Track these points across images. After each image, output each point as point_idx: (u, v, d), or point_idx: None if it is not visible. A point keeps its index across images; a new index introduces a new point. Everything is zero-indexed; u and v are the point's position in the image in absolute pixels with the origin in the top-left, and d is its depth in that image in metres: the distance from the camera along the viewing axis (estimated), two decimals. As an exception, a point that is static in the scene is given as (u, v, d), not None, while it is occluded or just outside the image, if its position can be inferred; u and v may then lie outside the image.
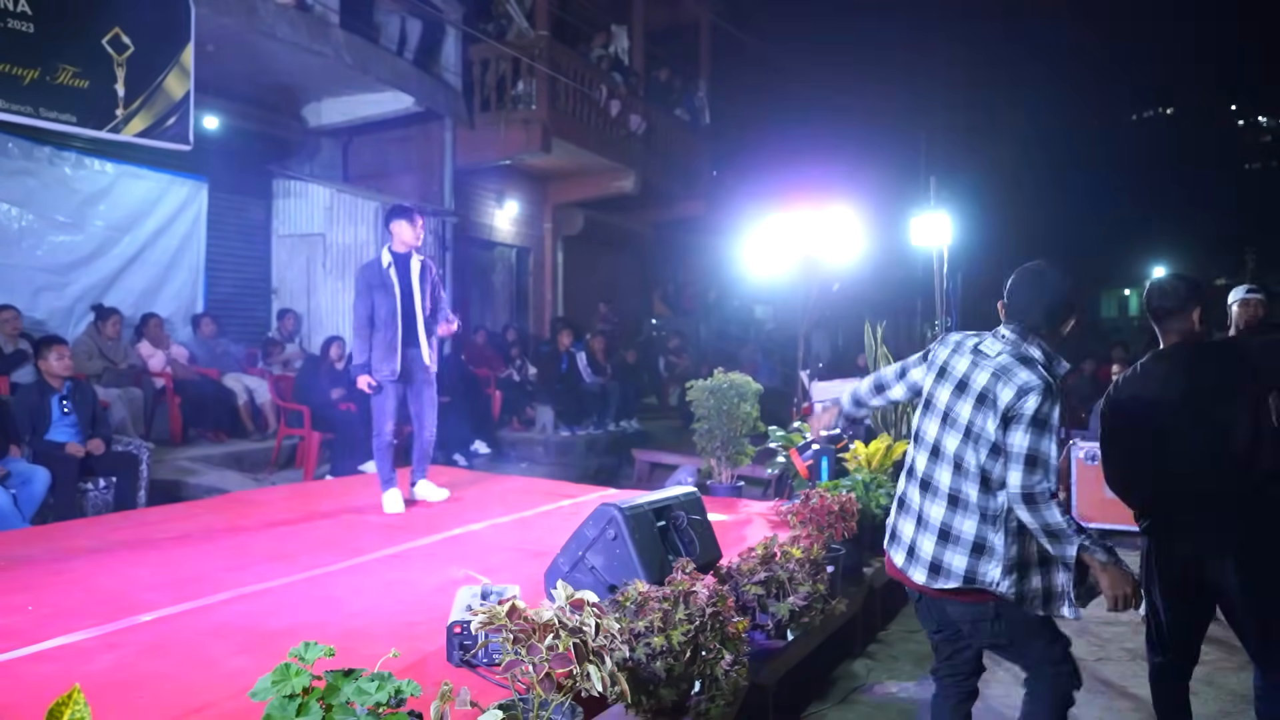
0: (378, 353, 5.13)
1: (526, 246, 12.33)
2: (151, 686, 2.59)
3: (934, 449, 2.50)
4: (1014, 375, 2.34)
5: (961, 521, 2.41)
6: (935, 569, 2.43)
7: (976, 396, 2.40)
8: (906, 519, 2.57)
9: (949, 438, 2.45)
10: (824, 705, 3.70)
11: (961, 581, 2.38)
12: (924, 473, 2.52)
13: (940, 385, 2.53)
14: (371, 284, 5.14)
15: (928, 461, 2.51)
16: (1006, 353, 2.40)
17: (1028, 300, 2.45)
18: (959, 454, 2.42)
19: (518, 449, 9.32)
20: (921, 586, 2.48)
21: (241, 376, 8.20)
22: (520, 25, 10.53)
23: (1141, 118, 32.48)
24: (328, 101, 9.63)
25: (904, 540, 2.56)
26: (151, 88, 6.64)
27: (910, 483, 2.58)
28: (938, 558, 2.43)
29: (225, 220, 9.17)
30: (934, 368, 2.58)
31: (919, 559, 2.48)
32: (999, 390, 2.34)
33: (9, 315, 6.65)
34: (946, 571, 2.41)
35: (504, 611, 2.07)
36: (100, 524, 4.85)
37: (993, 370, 2.38)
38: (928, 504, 2.49)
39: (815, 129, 17.16)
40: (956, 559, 2.40)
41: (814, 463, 5.35)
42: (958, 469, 2.43)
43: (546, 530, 4.74)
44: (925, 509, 2.50)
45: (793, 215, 7.04)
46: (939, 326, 6.04)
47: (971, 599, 2.42)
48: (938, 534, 2.44)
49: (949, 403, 2.47)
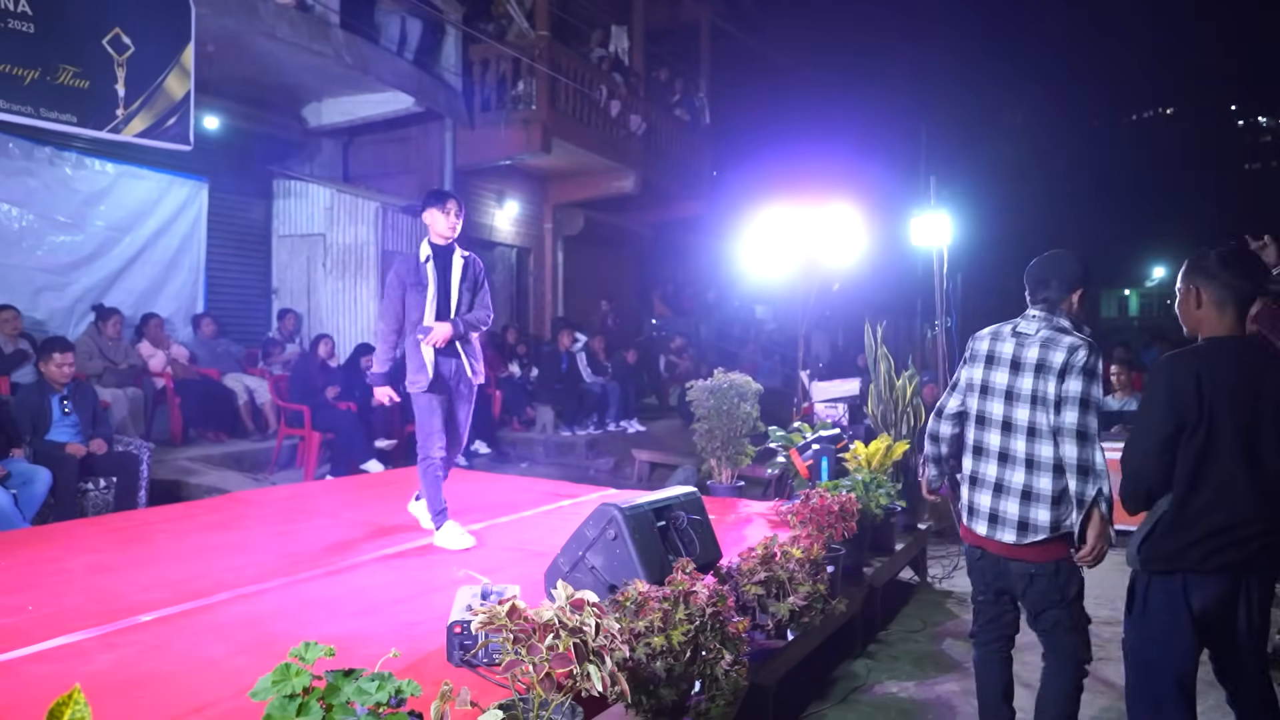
0: (413, 361, 4.44)
1: (526, 246, 12.33)
2: (151, 686, 2.59)
3: (1005, 424, 2.86)
4: (1060, 340, 2.77)
5: (1039, 480, 2.78)
6: (1023, 526, 2.79)
7: (1034, 368, 2.80)
8: (982, 492, 2.91)
9: (1019, 410, 2.83)
10: (824, 705, 3.70)
11: (1048, 532, 2.75)
12: (1000, 446, 2.87)
13: (993, 370, 2.91)
14: (406, 281, 4.42)
15: (1001, 436, 2.87)
16: (1044, 327, 2.83)
17: (1046, 277, 2.89)
18: (1032, 421, 2.79)
19: (518, 449, 9.32)
20: (1010, 545, 2.82)
21: (242, 376, 8.20)
22: (520, 25, 10.53)
23: (1141, 118, 32.48)
24: (328, 101, 9.63)
25: (984, 510, 2.90)
26: (152, 88, 6.65)
27: (982, 459, 2.93)
28: (1024, 516, 2.79)
29: (226, 220, 9.18)
30: (978, 359, 2.96)
31: (1005, 521, 2.83)
32: (1051, 356, 2.76)
33: (9, 315, 6.65)
34: (1034, 527, 2.77)
35: (504, 611, 2.07)
36: (100, 524, 4.85)
37: (1040, 343, 2.80)
38: (1007, 472, 2.85)
39: (815, 129, 17.17)
40: (1041, 513, 2.76)
41: (814, 463, 5.36)
42: (1031, 434, 2.80)
43: (546, 530, 4.74)
44: (1005, 477, 2.85)
45: (792, 215, 7.04)
46: (939, 326, 6.04)
47: (1049, 552, 2.78)
48: (1020, 495, 2.81)
49: (1009, 381, 2.85)
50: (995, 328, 2.96)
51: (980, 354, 2.95)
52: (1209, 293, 2.42)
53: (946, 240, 5.89)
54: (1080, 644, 2.82)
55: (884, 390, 5.83)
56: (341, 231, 9.41)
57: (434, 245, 4.47)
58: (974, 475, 2.96)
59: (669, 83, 13.52)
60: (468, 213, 11.44)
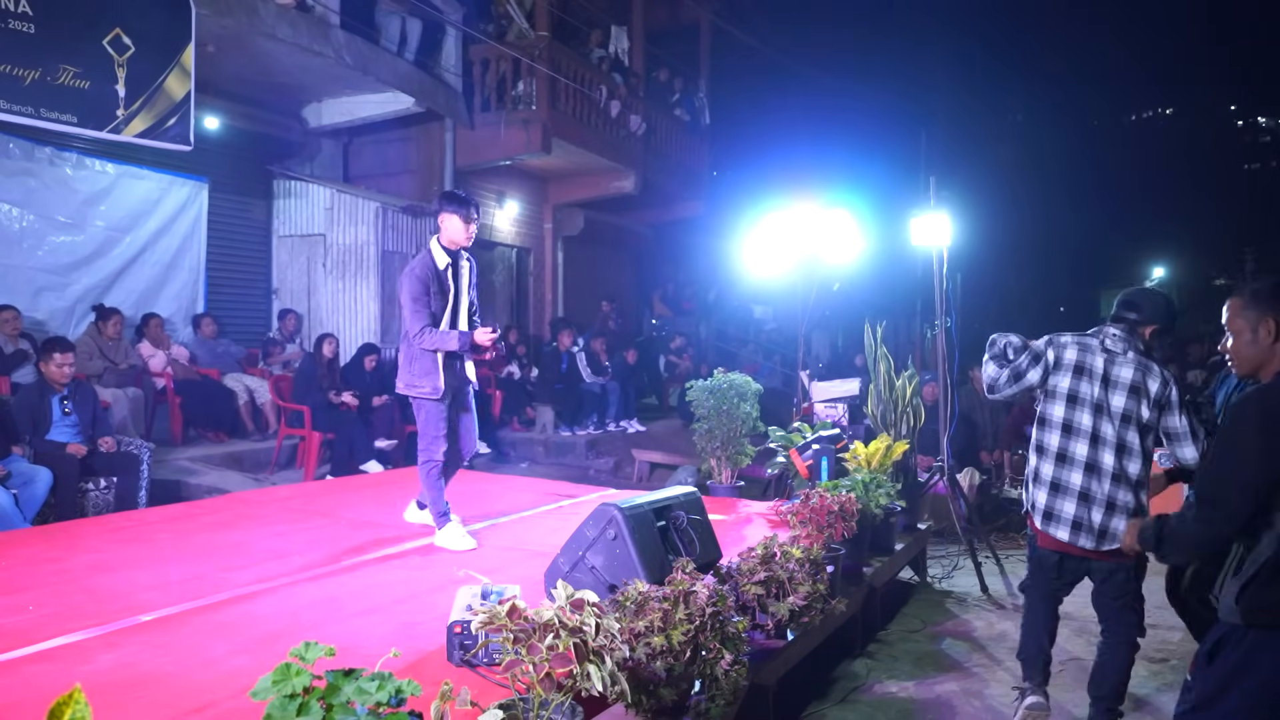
0: (419, 366, 4.33)
1: (526, 246, 12.33)
2: (152, 686, 2.59)
3: (1093, 436, 3.11)
4: (1153, 370, 3.08)
5: (1123, 494, 3.07)
6: (1103, 534, 3.08)
7: (1129, 389, 3.08)
8: (1066, 499, 3.15)
9: (1105, 425, 3.09)
10: (824, 705, 3.70)
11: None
12: (1087, 457, 3.10)
13: (1082, 381, 3.14)
14: (430, 288, 4.30)
15: (1089, 448, 3.10)
16: (1132, 350, 3.12)
17: (1137, 302, 3.20)
18: (1120, 437, 3.08)
19: (518, 449, 9.33)
20: (1090, 551, 3.12)
21: (242, 377, 8.21)
22: (520, 25, 10.53)
23: (1141, 118, 32.46)
24: (328, 102, 9.63)
25: (1066, 517, 3.14)
26: (152, 88, 6.65)
27: (1068, 467, 3.13)
28: (1104, 525, 3.08)
29: (226, 220, 9.18)
30: (1066, 368, 3.17)
31: (1088, 529, 3.10)
32: (1147, 382, 3.07)
33: (9, 316, 6.65)
34: (1112, 536, 3.06)
35: (504, 611, 2.08)
36: (101, 524, 4.85)
37: (1134, 365, 3.09)
38: (1094, 483, 3.09)
39: (815, 129, 17.17)
40: (1120, 523, 3.05)
41: (814, 463, 5.36)
42: (1120, 450, 3.08)
43: (546, 530, 4.74)
44: (1090, 487, 3.10)
45: (792, 215, 7.04)
46: (939, 326, 6.04)
47: (1122, 557, 3.08)
48: (1105, 506, 3.08)
49: (1099, 396, 3.10)
50: (1080, 338, 3.20)
51: (1067, 362, 3.17)
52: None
53: (946, 240, 5.88)
54: (1136, 623, 3.20)
55: (884, 390, 5.83)
56: (342, 232, 9.42)
57: (447, 250, 4.38)
58: (1056, 481, 3.17)
59: (669, 83, 13.52)
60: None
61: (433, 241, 4.42)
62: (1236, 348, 2.28)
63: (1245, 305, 2.24)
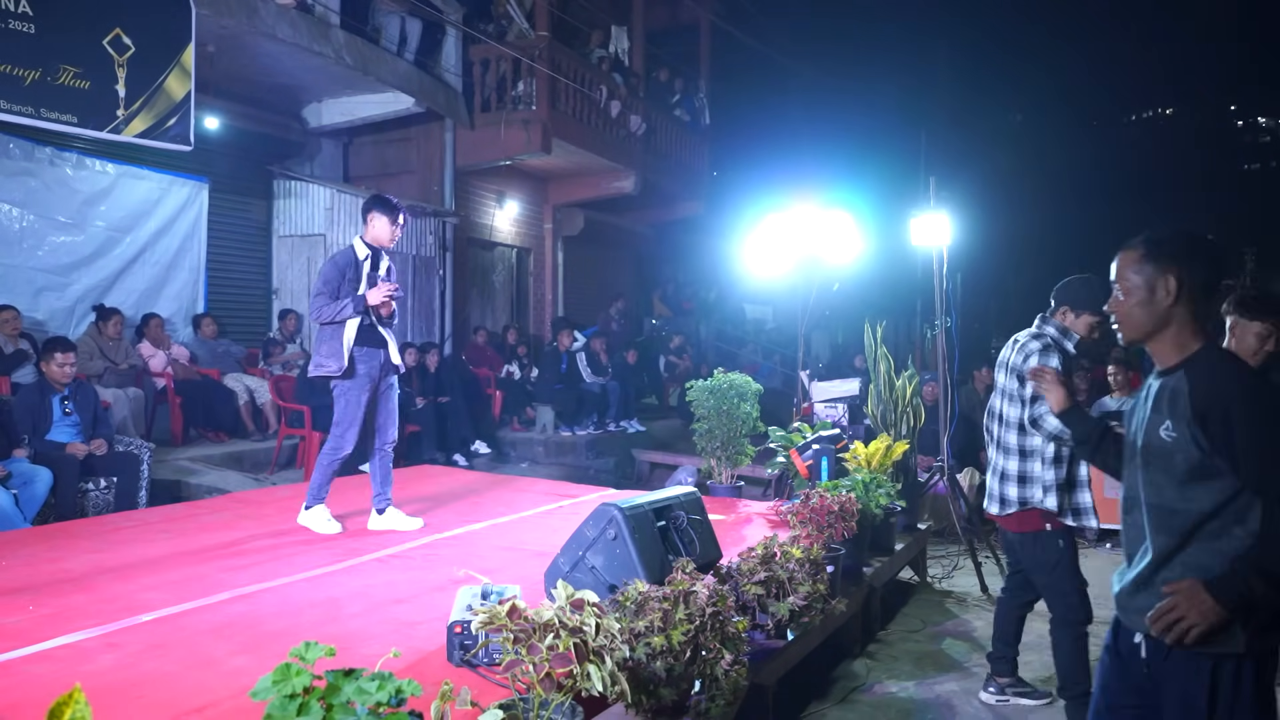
0: (327, 346, 4.54)
1: (526, 247, 12.33)
2: (152, 686, 2.59)
3: (993, 412, 3.65)
4: (1019, 342, 3.53)
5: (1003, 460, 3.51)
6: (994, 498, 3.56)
7: (1001, 365, 3.57)
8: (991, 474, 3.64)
9: (997, 399, 3.60)
10: (824, 705, 3.71)
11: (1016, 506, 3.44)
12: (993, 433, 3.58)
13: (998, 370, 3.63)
14: (346, 275, 4.58)
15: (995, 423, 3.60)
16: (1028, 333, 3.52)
17: (1059, 299, 3.48)
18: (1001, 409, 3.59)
19: (518, 449, 9.32)
20: (996, 516, 3.56)
21: (242, 377, 8.20)
22: (520, 25, 10.53)
23: (1140, 118, 32.46)
24: (328, 102, 9.64)
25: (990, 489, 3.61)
26: (152, 88, 6.65)
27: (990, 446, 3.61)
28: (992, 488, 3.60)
29: (226, 221, 9.18)
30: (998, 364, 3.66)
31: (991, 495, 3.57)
32: (1013, 356, 3.51)
33: (10, 316, 6.65)
34: (999, 500, 3.52)
35: (504, 611, 2.08)
36: (101, 524, 4.85)
37: (1010, 345, 3.57)
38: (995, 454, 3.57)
39: (815, 129, 17.18)
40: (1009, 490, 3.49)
41: (814, 463, 5.36)
42: (1001, 420, 3.57)
43: (546, 530, 4.75)
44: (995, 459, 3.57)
45: (792, 215, 7.04)
46: (939, 326, 6.04)
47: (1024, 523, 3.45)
48: (997, 473, 3.55)
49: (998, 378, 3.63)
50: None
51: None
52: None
53: (946, 241, 5.88)
54: (1070, 606, 3.35)
55: (884, 390, 5.83)
56: (342, 232, 9.41)
57: (370, 247, 4.73)
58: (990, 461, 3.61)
59: (669, 83, 13.53)
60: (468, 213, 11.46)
61: (356, 238, 4.77)
62: (1126, 308, 1.93)
63: (1143, 258, 1.90)
